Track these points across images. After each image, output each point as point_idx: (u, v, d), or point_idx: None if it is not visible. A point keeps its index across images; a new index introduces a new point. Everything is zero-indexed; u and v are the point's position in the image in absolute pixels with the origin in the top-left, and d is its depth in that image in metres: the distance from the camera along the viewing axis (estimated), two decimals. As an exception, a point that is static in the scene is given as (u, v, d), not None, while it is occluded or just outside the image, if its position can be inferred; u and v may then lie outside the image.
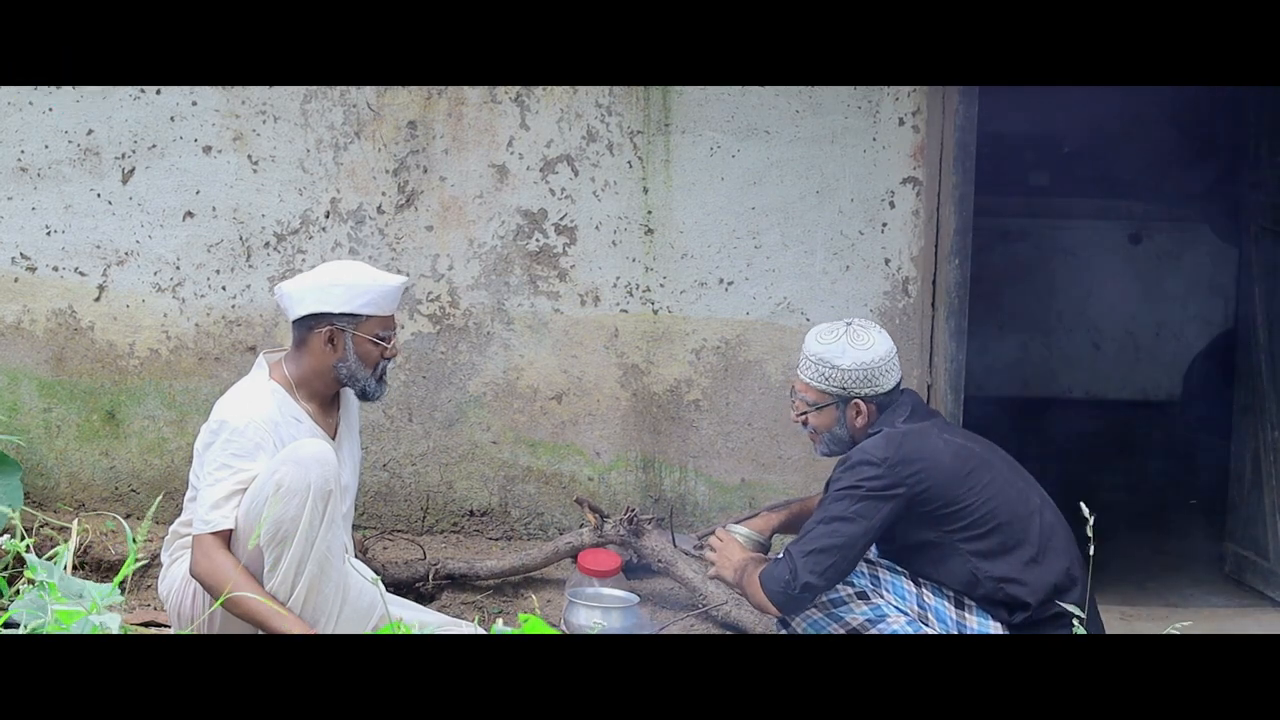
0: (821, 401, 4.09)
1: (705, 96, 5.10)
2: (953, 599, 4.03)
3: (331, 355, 4.13)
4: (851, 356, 4.04)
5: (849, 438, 4.11)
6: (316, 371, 4.16)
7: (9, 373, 5.15)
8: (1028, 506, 4.06)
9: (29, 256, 5.11)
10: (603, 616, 4.49)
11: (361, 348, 4.13)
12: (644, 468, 5.24)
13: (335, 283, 4.12)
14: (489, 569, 4.87)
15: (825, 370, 4.06)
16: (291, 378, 4.17)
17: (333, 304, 4.09)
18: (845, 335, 4.08)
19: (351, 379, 4.17)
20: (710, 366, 5.21)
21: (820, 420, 4.12)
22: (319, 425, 4.19)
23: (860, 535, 3.97)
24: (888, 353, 4.08)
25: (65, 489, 5.19)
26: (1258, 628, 5.11)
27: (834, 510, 3.99)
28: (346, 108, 5.08)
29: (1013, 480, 4.11)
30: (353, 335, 4.11)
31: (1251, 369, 5.58)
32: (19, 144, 5.06)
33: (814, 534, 3.99)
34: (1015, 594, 3.98)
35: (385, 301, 4.15)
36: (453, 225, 5.15)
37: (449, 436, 5.22)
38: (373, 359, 4.16)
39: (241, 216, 5.11)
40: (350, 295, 4.10)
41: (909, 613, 4.06)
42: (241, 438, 4.02)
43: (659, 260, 5.17)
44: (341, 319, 4.10)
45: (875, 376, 4.06)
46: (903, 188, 5.15)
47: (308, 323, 4.12)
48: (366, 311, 4.11)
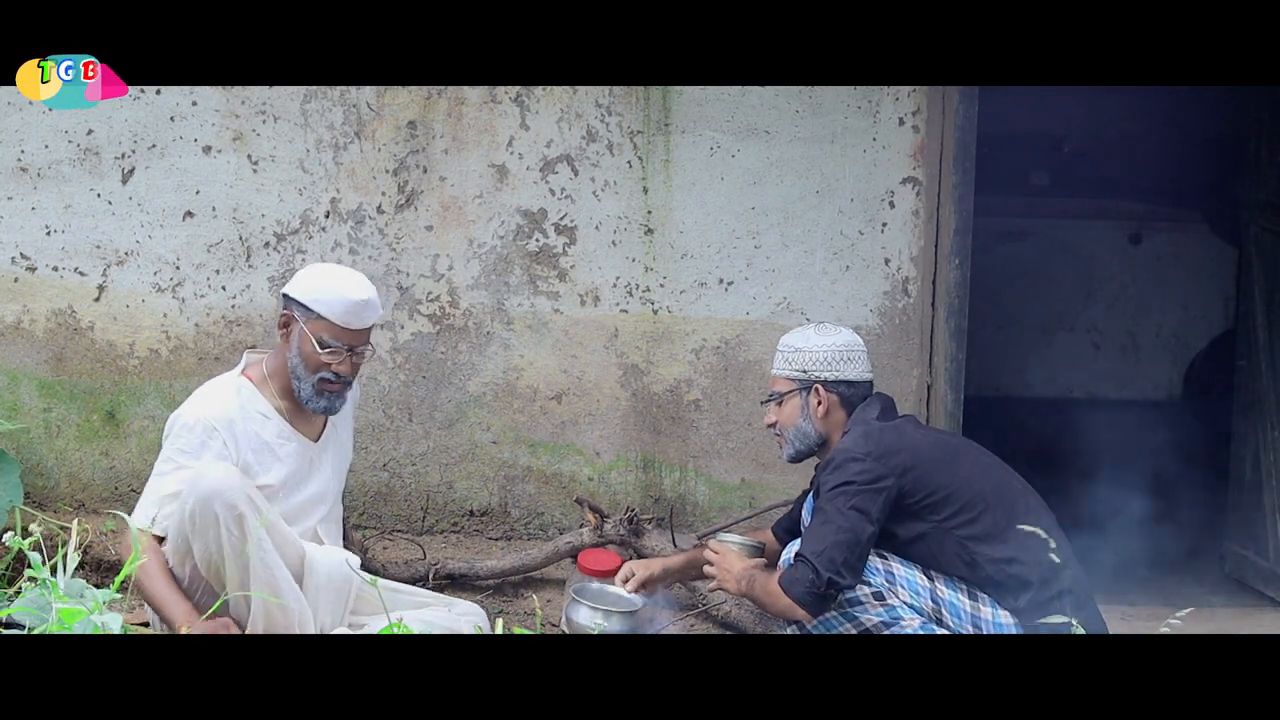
0: (785, 389, 4.23)
1: (705, 96, 5.10)
2: (965, 591, 4.05)
3: (284, 343, 4.10)
4: (814, 340, 4.23)
5: (814, 433, 4.20)
6: (282, 362, 4.13)
7: (9, 373, 5.15)
8: (1011, 490, 4.13)
9: (29, 256, 5.11)
10: (603, 617, 4.48)
11: (304, 345, 4.05)
12: (644, 468, 5.24)
13: (312, 273, 4.13)
14: (489, 569, 4.87)
15: (789, 355, 4.24)
16: (269, 372, 4.15)
17: (298, 290, 4.08)
18: (813, 327, 4.31)
19: (294, 375, 4.09)
20: (710, 366, 5.22)
21: (785, 414, 4.23)
22: (290, 421, 4.15)
23: (865, 527, 4.00)
24: (852, 343, 4.25)
25: (65, 489, 5.19)
26: (1258, 628, 5.11)
27: (832, 508, 4.01)
28: (346, 108, 5.08)
29: (992, 465, 4.19)
30: (301, 328, 4.06)
31: (1251, 369, 5.59)
32: (19, 144, 5.06)
33: (820, 534, 4.01)
34: (1018, 573, 4.00)
35: (340, 308, 4.03)
36: (453, 225, 5.15)
37: (449, 436, 5.22)
38: (311, 362, 4.05)
39: (241, 216, 5.11)
40: (313, 288, 4.07)
41: (924, 611, 4.07)
42: (189, 434, 4.03)
43: (659, 260, 5.17)
44: (299, 308, 4.07)
45: (836, 361, 4.19)
46: (903, 188, 5.15)
47: (283, 303, 4.13)
48: (318, 310, 4.04)
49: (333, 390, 4.09)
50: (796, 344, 4.24)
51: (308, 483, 4.18)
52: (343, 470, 4.33)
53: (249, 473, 4.04)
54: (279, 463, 4.12)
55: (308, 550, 4.05)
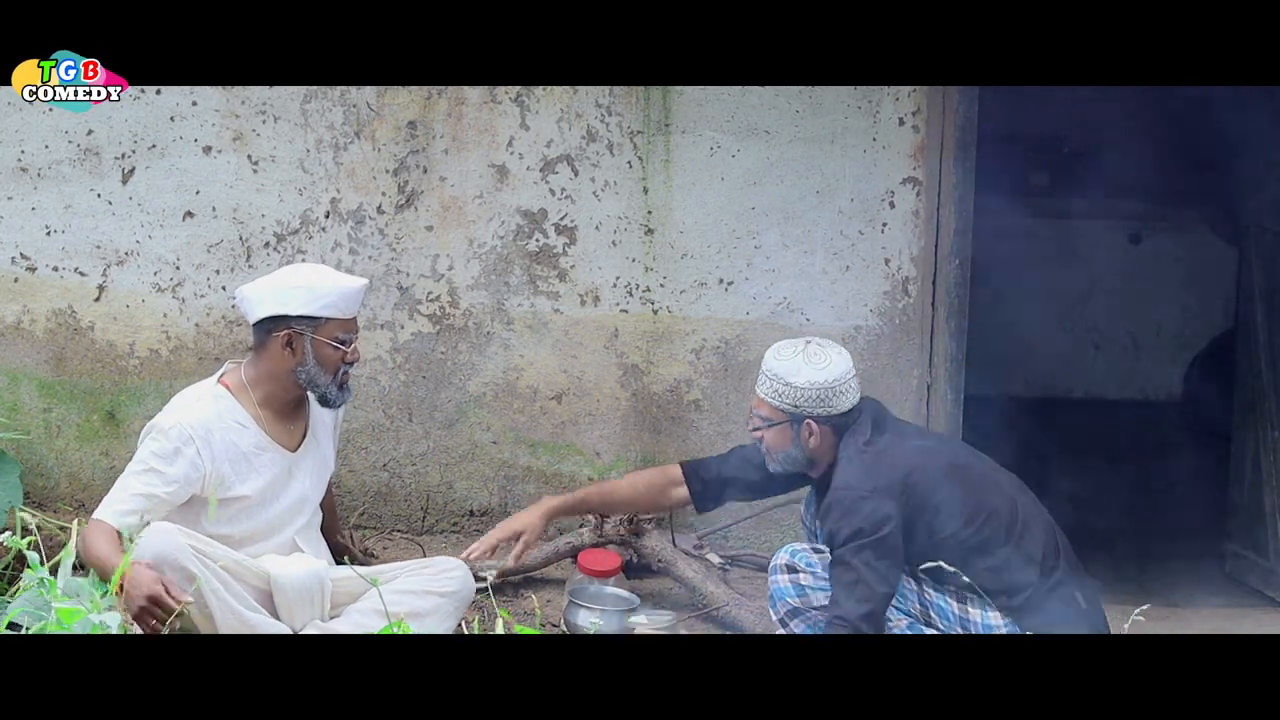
0: (776, 418, 4.07)
1: (705, 96, 5.10)
2: (953, 593, 4.03)
3: (290, 359, 4.08)
4: (806, 375, 4.02)
5: (804, 458, 4.11)
6: (273, 376, 4.12)
7: (9, 373, 5.15)
8: (1000, 491, 4.08)
9: (29, 256, 5.11)
10: (602, 617, 4.48)
11: (320, 351, 4.08)
12: (644, 467, 5.24)
13: (294, 285, 4.07)
14: (489, 569, 4.86)
15: (779, 387, 4.04)
16: (248, 382, 4.13)
17: (292, 306, 4.05)
18: (803, 353, 4.06)
19: (311, 384, 4.12)
20: (710, 366, 5.22)
21: (774, 439, 4.10)
22: (268, 431, 4.15)
23: (896, 573, 3.96)
24: (844, 374, 4.05)
25: (65, 489, 5.19)
26: (1258, 628, 5.11)
27: (861, 563, 3.91)
28: (346, 108, 5.08)
29: (984, 471, 4.14)
30: (311, 339, 4.07)
31: (1251, 369, 5.58)
32: (19, 144, 5.06)
33: (858, 594, 3.90)
34: (1009, 580, 3.98)
35: (345, 304, 4.09)
36: (453, 225, 5.15)
37: (449, 436, 5.22)
38: (332, 363, 4.10)
39: (241, 216, 5.11)
40: (310, 297, 4.05)
41: (911, 613, 4.06)
42: (164, 438, 4.03)
43: (659, 260, 5.17)
44: (300, 322, 4.06)
45: (829, 398, 4.03)
46: (903, 188, 5.15)
47: (266, 326, 4.08)
48: (326, 314, 4.06)
49: (349, 375, 4.19)
50: (787, 378, 4.03)
51: (285, 493, 4.18)
52: (323, 480, 4.30)
53: (225, 483, 4.05)
54: (255, 473, 4.11)
55: (271, 571, 4.05)
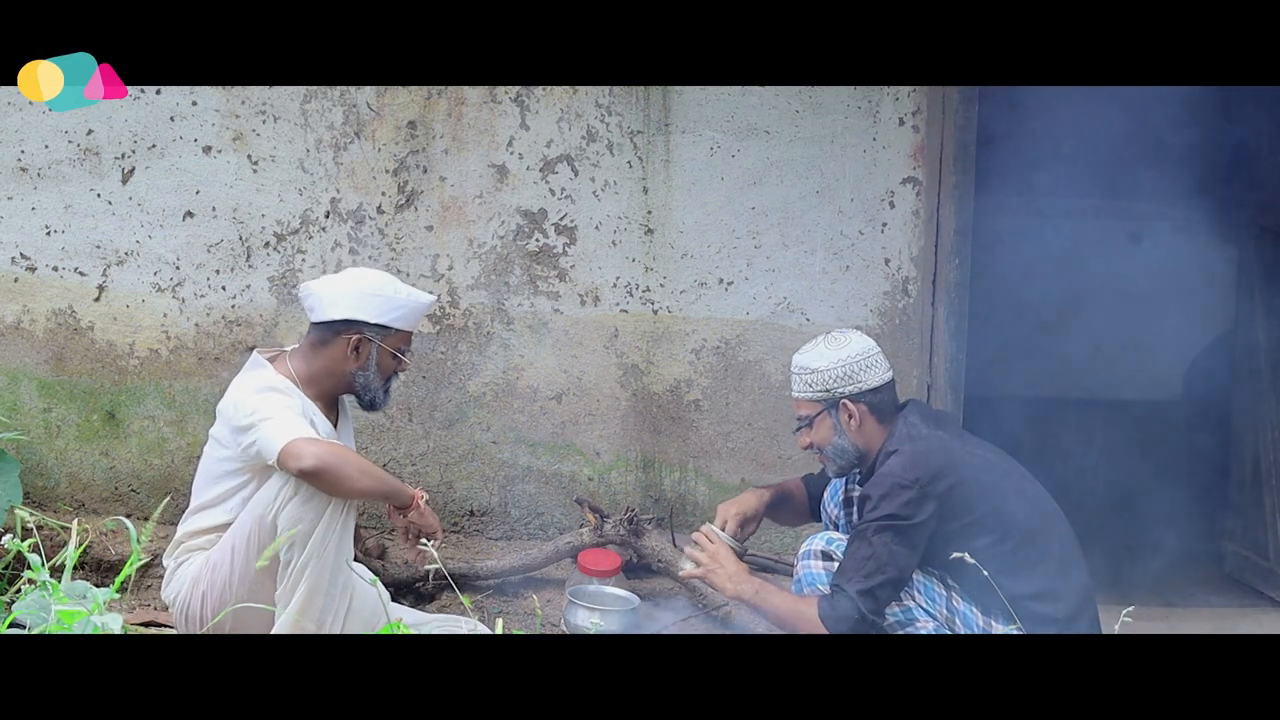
0: (813, 412, 4.15)
1: (705, 96, 5.10)
2: (980, 605, 4.05)
3: (353, 362, 4.16)
4: (829, 357, 4.12)
5: (853, 448, 4.14)
6: (330, 373, 4.18)
7: (9, 373, 5.15)
8: (1047, 518, 4.09)
9: (29, 256, 5.11)
10: (602, 617, 4.49)
11: (383, 359, 4.18)
12: (644, 468, 5.24)
13: (374, 292, 4.14)
14: (489, 569, 4.87)
15: (807, 378, 4.14)
16: (299, 374, 4.17)
17: (368, 313, 4.13)
18: (823, 342, 4.18)
19: (365, 388, 4.21)
20: (710, 366, 5.22)
21: (820, 435, 4.16)
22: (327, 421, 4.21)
23: (909, 565, 4.00)
24: (865, 349, 4.13)
25: (65, 489, 5.19)
26: (1258, 628, 5.12)
27: (879, 541, 3.97)
28: (346, 108, 5.08)
29: (1035, 495, 4.14)
30: (378, 346, 4.16)
31: (1251, 369, 5.59)
32: (19, 144, 5.06)
33: (866, 569, 3.97)
34: (1044, 610, 3.98)
35: (414, 318, 4.21)
36: (453, 225, 5.15)
37: (449, 436, 5.22)
38: (388, 371, 4.22)
39: (241, 216, 5.11)
40: (387, 307, 4.14)
41: (938, 617, 4.07)
42: (272, 391, 4.04)
43: (659, 260, 5.17)
44: (372, 329, 4.14)
45: (856, 372, 4.10)
46: (903, 188, 5.15)
47: (335, 327, 4.14)
48: (396, 325, 4.17)
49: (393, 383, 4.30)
50: (811, 364, 4.13)
51: None
52: None
53: None
54: None
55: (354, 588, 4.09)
